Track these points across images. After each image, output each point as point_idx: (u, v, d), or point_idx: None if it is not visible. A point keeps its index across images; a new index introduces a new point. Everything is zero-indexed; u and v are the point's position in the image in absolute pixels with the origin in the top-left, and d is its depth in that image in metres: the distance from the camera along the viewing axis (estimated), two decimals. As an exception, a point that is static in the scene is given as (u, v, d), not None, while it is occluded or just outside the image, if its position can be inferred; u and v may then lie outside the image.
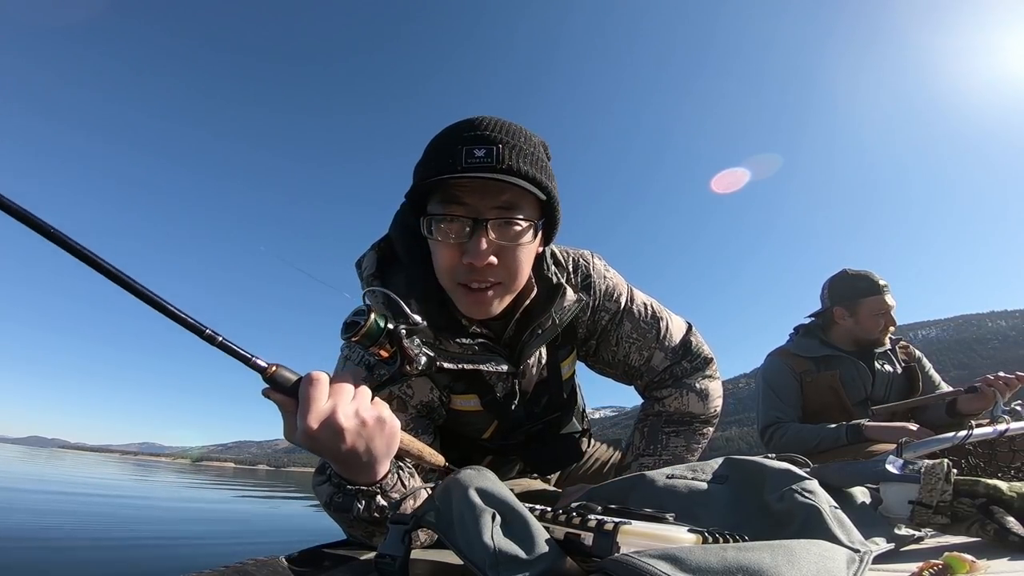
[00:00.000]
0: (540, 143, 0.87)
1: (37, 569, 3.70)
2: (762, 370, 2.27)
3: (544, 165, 0.83)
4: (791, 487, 0.67)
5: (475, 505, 0.53)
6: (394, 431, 0.66)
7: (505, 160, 0.77)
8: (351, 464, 0.65)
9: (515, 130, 0.82)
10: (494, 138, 0.78)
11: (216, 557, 4.51)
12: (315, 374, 0.59)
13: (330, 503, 0.75)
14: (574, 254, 1.06)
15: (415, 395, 0.96)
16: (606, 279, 1.07)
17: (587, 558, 0.49)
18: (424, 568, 0.68)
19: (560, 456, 1.18)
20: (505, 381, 1.00)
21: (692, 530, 0.48)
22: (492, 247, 0.79)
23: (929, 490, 0.74)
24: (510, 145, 0.78)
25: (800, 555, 0.43)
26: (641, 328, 1.10)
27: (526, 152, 0.80)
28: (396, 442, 0.67)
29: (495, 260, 0.80)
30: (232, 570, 0.63)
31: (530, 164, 0.79)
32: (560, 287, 0.94)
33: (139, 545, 4.81)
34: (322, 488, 0.77)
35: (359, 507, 0.71)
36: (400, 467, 0.77)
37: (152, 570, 3.93)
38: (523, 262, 0.83)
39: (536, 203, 0.82)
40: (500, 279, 0.82)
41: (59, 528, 5.25)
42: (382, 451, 0.65)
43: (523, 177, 0.77)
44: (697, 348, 1.15)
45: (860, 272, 2.16)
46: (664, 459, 1.10)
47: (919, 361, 2.20)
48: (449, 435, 1.05)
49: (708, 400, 1.12)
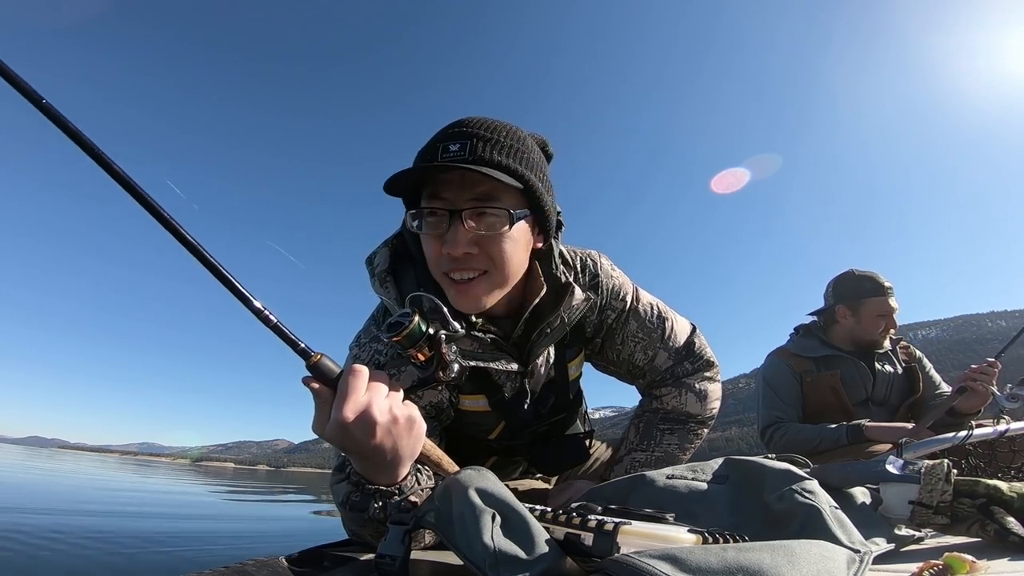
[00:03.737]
0: (528, 138, 0.87)
1: (37, 569, 3.70)
2: (762, 370, 2.27)
3: (528, 157, 0.84)
4: (791, 487, 0.67)
5: (475, 505, 0.53)
6: (421, 433, 0.66)
7: (478, 152, 0.78)
8: (375, 461, 0.65)
9: (496, 126, 0.83)
10: (470, 133, 0.80)
11: (216, 557, 4.51)
12: (358, 366, 0.59)
13: (347, 501, 0.75)
14: (581, 254, 1.07)
15: (425, 395, 0.96)
16: (613, 278, 1.08)
17: (587, 558, 0.49)
18: (424, 568, 0.68)
19: (565, 457, 1.18)
20: (514, 381, 1.00)
21: (692, 530, 0.48)
22: (470, 237, 0.80)
23: (929, 490, 0.74)
24: (485, 139, 0.80)
25: (800, 555, 0.43)
26: (647, 328, 1.10)
27: (504, 145, 0.81)
28: (421, 444, 0.67)
29: (475, 250, 0.81)
30: (232, 570, 0.63)
31: (507, 155, 0.80)
32: (569, 286, 0.94)
33: (139, 545, 4.81)
34: (340, 486, 0.77)
35: (376, 507, 0.71)
36: (419, 470, 0.77)
37: (152, 570, 3.93)
38: (508, 252, 0.83)
39: (519, 195, 0.83)
40: (484, 268, 0.83)
41: (59, 528, 5.25)
42: (407, 451, 0.65)
43: (497, 167, 0.78)
44: (700, 350, 1.15)
45: (866, 273, 2.16)
46: (656, 455, 1.10)
47: (919, 361, 2.20)
48: (453, 436, 1.05)
49: (706, 401, 1.12)
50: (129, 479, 20.58)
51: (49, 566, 3.78)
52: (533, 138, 0.91)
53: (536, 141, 0.92)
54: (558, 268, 0.95)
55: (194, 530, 6.22)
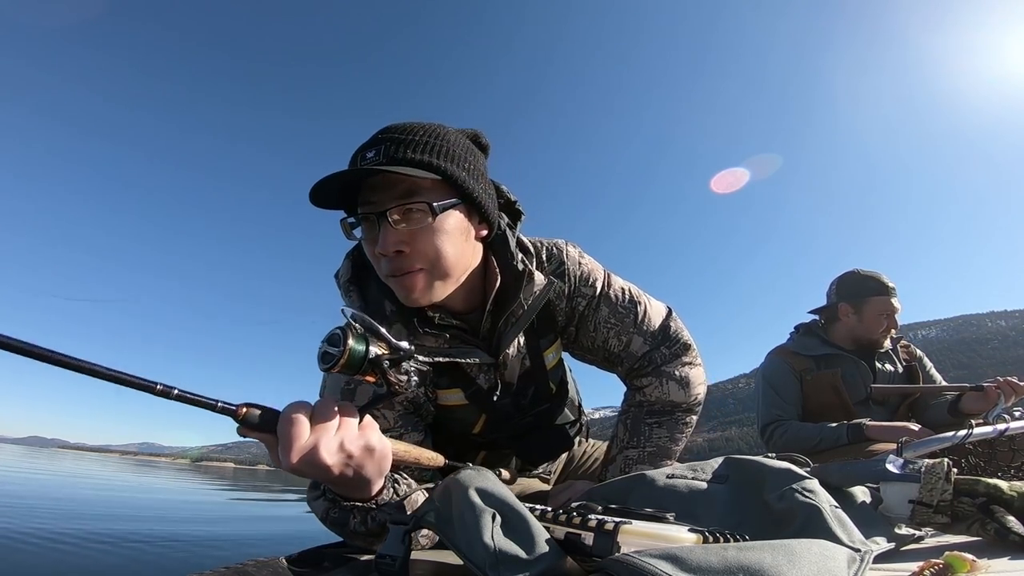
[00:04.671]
0: (452, 132, 0.88)
1: (37, 569, 3.70)
2: (762, 369, 2.27)
3: (447, 150, 0.85)
4: (791, 486, 0.67)
5: (475, 505, 0.53)
6: (384, 454, 0.65)
7: (391, 154, 0.81)
8: (343, 486, 0.66)
9: (412, 127, 0.85)
10: (385, 138, 0.83)
11: (216, 557, 4.51)
12: (292, 412, 0.57)
13: (326, 517, 0.77)
14: (548, 243, 1.07)
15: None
16: (581, 265, 1.07)
17: (587, 558, 0.49)
18: (424, 568, 0.68)
19: (551, 446, 1.17)
20: (487, 373, 1.01)
21: (693, 530, 0.48)
22: (398, 235, 0.82)
23: (929, 489, 0.74)
24: (399, 140, 0.82)
25: (801, 555, 0.43)
26: (619, 313, 1.09)
27: (419, 143, 0.83)
28: (388, 463, 0.66)
29: (406, 248, 0.82)
30: (232, 570, 0.63)
31: (422, 152, 0.82)
32: (526, 273, 0.95)
33: (139, 545, 4.81)
34: (317, 503, 0.78)
35: (355, 522, 0.74)
36: (396, 480, 0.78)
37: (152, 570, 3.93)
38: (441, 244, 0.84)
39: (444, 187, 0.84)
40: (420, 264, 0.84)
41: (59, 528, 5.25)
42: (373, 473, 0.65)
43: (410, 164, 0.80)
44: (676, 333, 1.14)
45: (871, 273, 2.17)
46: (648, 451, 1.09)
47: (920, 360, 2.20)
48: (441, 433, 1.05)
49: (689, 388, 1.11)
50: (129, 479, 20.60)
51: (49, 566, 3.78)
52: (463, 132, 0.93)
53: (466, 134, 0.93)
54: (516, 257, 0.96)
55: (194, 530, 6.22)
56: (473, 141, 0.94)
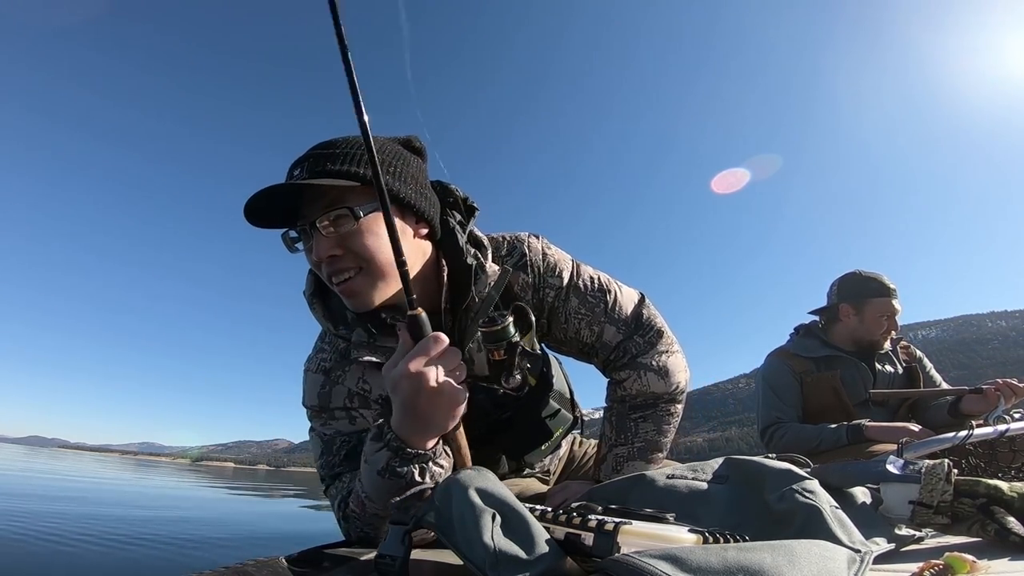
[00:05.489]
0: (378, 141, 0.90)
1: (37, 569, 3.70)
2: (762, 370, 2.27)
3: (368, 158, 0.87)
4: (792, 487, 0.67)
5: (475, 505, 0.53)
6: (454, 411, 0.74)
7: (314, 169, 0.86)
8: (412, 421, 0.74)
9: (335, 141, 0.89)
10: (309, 155, 0.88)
11: (216, 557, 4.51)
12: (442, 335, 0.71)
13: (386, 468, 0.79)
14: (509, 236, 1.07)
15: (373, 389, 1.00)
16: (546, 256, 1.07)
17: (587, 558, 0.49)
18: (424, 568, 0.68)
19: (529, 438, 1.16)
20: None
21: (693, 530, 0.48)
22: (329, 241, 0.86)
23: (930, 490, 0.74)
24: (320, 156, 0.87)
25: (801, 555, 0.43)
26: (588, 302, 1.09)
27: (340, 155, 0.87)
28: (452, 423, 0.76)
29: (339, 251, 0.87)
30: (232, 570, 0.63)
31: (341, 163, 0.86)
32: (476, 266, 0.96)
33: (139, 545, 4.81)
34: (379, 455, 0.79)
35: (414, 471, 0.77)
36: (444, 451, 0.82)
37: (152, 570, 3.93)
38: (371, 245, 0.87)
39: (369, 191, 0.87)
40: (355, 264, 0.88)
41: (59, 528, 5.25)
42: (440, 421, 0.75)
43: (329, 175, 0.84)
44: (649, 320, 1.13)
45: (872, 274, 2.17)
46: (637, 446, 1.09)
47: (920, 361, 2.20)
48: None
49: (669, 377, 1.10)
50: (129, 479, 20.59)
51: (49, 567, 3.78)
52: (395, 139, 0.97)
53: (398, 141, 0.97)
54: (469, 253, 0.97)
55: (194, 530, 6.22)
56: (405, 146, 0.97)
